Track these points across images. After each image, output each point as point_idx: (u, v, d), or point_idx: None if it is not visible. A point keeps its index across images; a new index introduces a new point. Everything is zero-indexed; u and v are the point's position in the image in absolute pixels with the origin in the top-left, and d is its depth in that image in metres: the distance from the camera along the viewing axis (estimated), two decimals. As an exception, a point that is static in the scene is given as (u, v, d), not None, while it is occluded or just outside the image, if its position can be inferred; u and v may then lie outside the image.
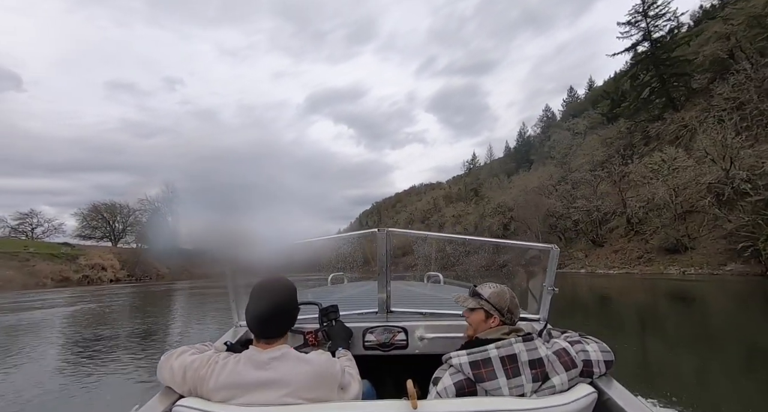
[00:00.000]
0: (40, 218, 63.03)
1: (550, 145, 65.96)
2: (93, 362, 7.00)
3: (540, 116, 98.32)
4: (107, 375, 6.18)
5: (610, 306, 14.70)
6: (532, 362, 1.24)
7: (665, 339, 8.12)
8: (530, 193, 51.39)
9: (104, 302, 19.98)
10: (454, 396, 1.21)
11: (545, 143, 71.61)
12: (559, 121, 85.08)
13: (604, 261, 36.59)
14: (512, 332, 1.37)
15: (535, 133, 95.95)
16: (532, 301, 2.28)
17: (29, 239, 59.52)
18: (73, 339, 9.43)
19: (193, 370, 1.24)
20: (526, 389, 1.21)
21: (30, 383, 5.80)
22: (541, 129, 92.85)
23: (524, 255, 3.18)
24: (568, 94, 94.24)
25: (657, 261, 30.44)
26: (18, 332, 11.09)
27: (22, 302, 20.47)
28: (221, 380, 1.18)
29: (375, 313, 2.26)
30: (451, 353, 1.32)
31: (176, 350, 1.35)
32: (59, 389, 5.51)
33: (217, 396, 1.18)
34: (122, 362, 6.91)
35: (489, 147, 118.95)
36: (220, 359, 1.24)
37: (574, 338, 1.50)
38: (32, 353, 8.00)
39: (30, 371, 6.59)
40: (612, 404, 1.26)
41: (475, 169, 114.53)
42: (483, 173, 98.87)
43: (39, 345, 8.86)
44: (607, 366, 1.36)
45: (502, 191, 66.27)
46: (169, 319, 13.57)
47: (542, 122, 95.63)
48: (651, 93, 48.69)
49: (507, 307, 1.44)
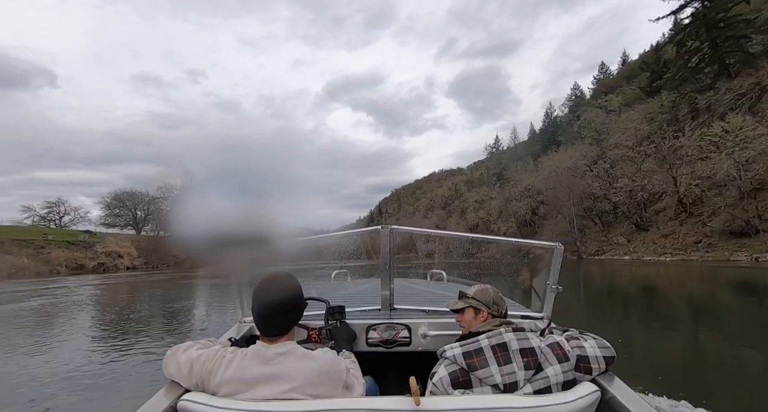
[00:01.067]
0: (67, 207, 63.90)
1: (579, 125, 61.49)
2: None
3: (568, 95, 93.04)
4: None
5: (668, 298, 12.24)
6: (522, 350, 1.26)
7: (731, 337, 6.68)
8: (563, 174, 46.92)
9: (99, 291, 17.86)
10: (450, 386, 1.23)
11: (574, 123, 66.99)
12: (589, 99, 79.49)
13: (652, 247, 32.35)
14: (503, 324, 1.39)
15: (563, 113, 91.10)
16: (536, 299, 2.18)
17: (58, 227, 60.10)
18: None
19: (200, 364, 1.23)
20: (518, 376, 1.21)
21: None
22: (569, 109, 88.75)
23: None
24: (600, 70, 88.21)
25: (720, 246, 26.20)
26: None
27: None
28: (228, 374, 1.18)
29: (378, 310, 2.28)
30: (446, 346, 1.35)
31: (182, 345, 1.34)
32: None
33: (223, 390, 1.17)
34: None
35: (513, 129, 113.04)
36: (227, 354, 1.24)
37: (574, 335, 1.46)
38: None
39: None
40: (615, 403, 1.23)
41: (497, 154, 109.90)
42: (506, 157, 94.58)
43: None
44: (607, 362, 1.33)
45: (530, 174, 61.69)
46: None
47: (570, 102, 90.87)
48: (701, 60, 43.03)
49: (492, 300, 1.51)
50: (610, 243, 38.49)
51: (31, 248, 36.08)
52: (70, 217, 63.89)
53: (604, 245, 39.02)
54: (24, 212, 59.85)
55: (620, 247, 36.46)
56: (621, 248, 35.98)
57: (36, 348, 6.84)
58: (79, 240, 44.23)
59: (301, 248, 2.01)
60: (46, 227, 58.17)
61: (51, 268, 34.59)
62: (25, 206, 60.45)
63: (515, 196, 59.59)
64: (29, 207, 60.77)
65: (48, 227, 57.85)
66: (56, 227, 60.12)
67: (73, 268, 36.71)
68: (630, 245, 35.66)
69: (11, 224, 55.53)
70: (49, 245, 37.91)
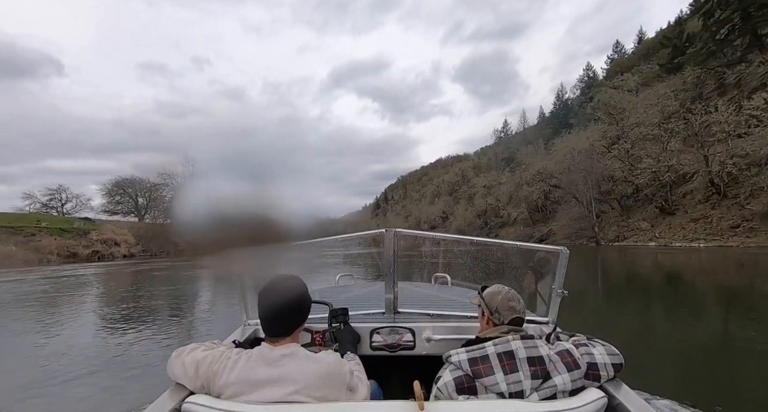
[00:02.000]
0: (69, 194, 62.24)
1: (593, 106, 58.34)
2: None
3: (580, 77, 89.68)
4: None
5: (713, 289, 10.52)
6: (530, 359, 1.22)
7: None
8: (579, 156, 43.80)
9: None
10: (454, 392, 1.21)
11: (586, 105, 63.79)
12: (602, 80, 75.79)
13: (681, 232, 29.49)
14: (511, 331, 1.35)
15: (575, 95, 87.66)
16: (541, 303, 2.15)
17: (60, 214, 58.63)
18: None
19: (206, 365, 1.23)
20: (524, 385, 1.18)
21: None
22: (581, 91, 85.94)
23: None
24: (614, 49, 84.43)
25: (763, 231, 23.36)
26: None
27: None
28: (233, 375, 1.17)
29: (382, 313, 2.24)
30: (451, 351, 1.33)
31: (187, 346, 1.34)
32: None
33: (228, 391, 1.17)
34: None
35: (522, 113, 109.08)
36: (232, 355, 1.24)
37: (582, 340, 1.44)
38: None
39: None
40: (622, 409, 1.21)
41: (506, 139, 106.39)
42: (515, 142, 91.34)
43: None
44: (616, 369, 1.30)
45: (541, 158, 58.45)
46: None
47: (582, 83, 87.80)
48: (730, 32, 39.29)
49: (495, 307, 1.42)
50: (631, 228, 35.66)
51: (21, 235, 34.13)
52: (72, 204, 62.72)
53: (625, 231, 36.18)
54: (25, 200, 58.63)
55: (643, 232, 33.63)
56: (644, 234, 33.15)
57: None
58: (74, 227, 42.27)
59: (306, 238, 1.88)
60: (47, 214, 56.76)
61: (41, 256, 32.68)
62: (26, 193, 58.86)
63: (526, 181, 56.57)
64: (30, 194, 59.47)
65: (49, 215, 56.38)
66: (58, 215, 58.71)
67: (65, 256, 34.81)
68: (654, 230, 32.80)
69: (13, 211, 54.22)
70: (41, 233, 35.93)
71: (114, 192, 61.56)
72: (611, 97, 51.54)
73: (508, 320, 1.39)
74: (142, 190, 61.48)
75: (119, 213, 63.14)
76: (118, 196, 61.86)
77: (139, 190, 61.39)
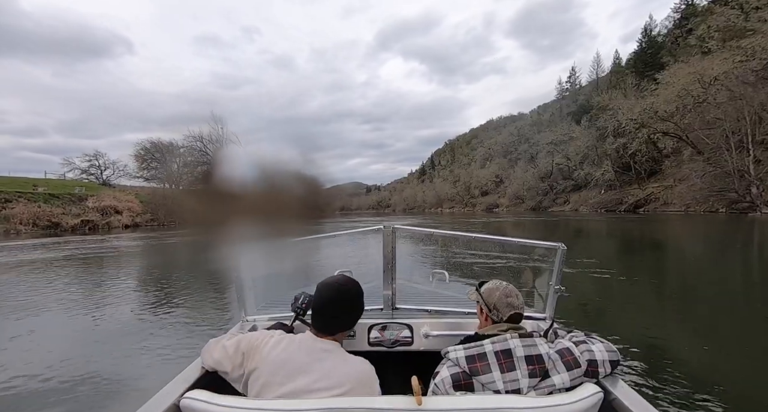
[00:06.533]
0: (106, 160, 57.68)
1: (698, 36, 41.23)
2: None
3: (675, 6, 68.16)
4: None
5: None
6: (528, 357, 1.19)
7: None
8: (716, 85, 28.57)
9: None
10: (451, 388, 1.19)
11: (683, 38, 46.17)
12: (709, 3, 56.03)
13: None
14: (510, 329, 1.30)
15: (667, 28, 67.56)
16: (538, 299, 2.06)
17: (99, 181, 54.40)
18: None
19: (246, 340, 1.23)
20: (521, 384, 1.16)
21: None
22: (674, 23, 66.08)
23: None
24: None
25: None
26: None
27: None
28: (274, 353, 1.17)
29: (380, 309, 2.16)
30: (449, 347, 1.30)
31: (223, 336, 1.35)
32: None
33: (264, 368, 1.15)
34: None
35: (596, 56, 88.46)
36: (276, 334, 1.24)
37: (580, 337, 1.39)
38: None
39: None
40: (618, 404, 1.20)
41: (573, 92, 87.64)
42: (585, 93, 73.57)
43: None
44: (613, 366, 1.28)
45: (636, 101, 42.63)
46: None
47: (677, 13, 67.27)
48: None
49: (493, 303, 1.36)
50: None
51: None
52: (110, 171, 58.42)
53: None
54: (65, 166, 54.75)
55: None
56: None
57: None
58: (70, 193, 35.47)
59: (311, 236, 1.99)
60: (87, 181, 52.44)
61: (8, 226, 25.84)
62: (66, 160, 55.41)
63: (615, 130, 41.68)
64: (70, 161, 55.55)
65: (89, 182, 51.94)
66: (97, 181, 54.46)
67: (43, 227, 27.76)
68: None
69: (55, 177, 50.20)
70: (21, 199, 29.11)
71: (147, 157, 56.07)
72: (727, 19, 34.37)
73: (507, 317, 1.34)
74: (170, 154, 55.26)
75: (155, 179, 58.30)
76: (151, 162, 56.35)
77: (167, 154, 55.26)
